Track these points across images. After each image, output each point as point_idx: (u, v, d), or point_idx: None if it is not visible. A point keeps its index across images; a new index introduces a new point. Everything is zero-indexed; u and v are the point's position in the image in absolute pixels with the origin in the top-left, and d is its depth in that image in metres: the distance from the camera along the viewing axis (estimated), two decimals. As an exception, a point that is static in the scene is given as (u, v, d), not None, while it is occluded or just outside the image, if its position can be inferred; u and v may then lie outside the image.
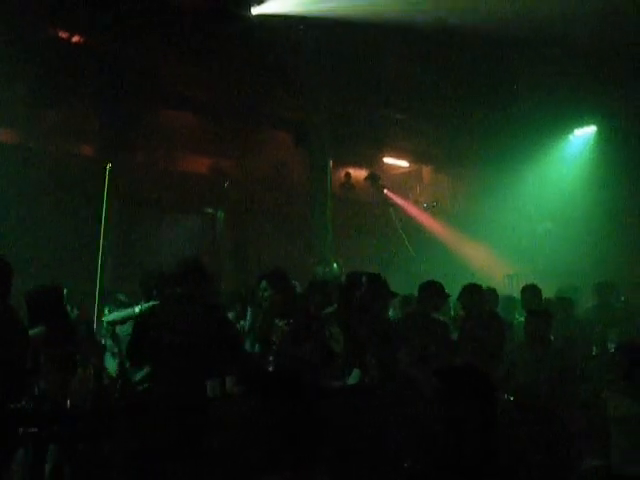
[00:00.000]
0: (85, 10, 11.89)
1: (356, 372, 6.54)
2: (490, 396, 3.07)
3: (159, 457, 5.32)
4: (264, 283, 6.93)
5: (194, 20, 12.34)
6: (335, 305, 7.34)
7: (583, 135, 17.64)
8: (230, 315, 7.57)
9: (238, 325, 7.39)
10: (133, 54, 13.14)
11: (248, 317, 7.18)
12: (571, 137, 17.82)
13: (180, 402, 5.56)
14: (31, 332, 5.76)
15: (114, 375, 6.83)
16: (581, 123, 17.32)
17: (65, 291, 7.05)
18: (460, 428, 2.93)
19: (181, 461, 5.24)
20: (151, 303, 6.97)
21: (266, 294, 6.87)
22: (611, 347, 7.99)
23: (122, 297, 8.23)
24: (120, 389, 6.47)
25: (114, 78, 13.38)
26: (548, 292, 9.68)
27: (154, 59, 13.44)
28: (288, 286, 7.28)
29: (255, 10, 12.41)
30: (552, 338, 7.72)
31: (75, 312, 8.15)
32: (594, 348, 8.36)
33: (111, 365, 7.11)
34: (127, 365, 6.74)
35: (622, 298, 10.44)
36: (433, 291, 7.78)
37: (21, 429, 5.06)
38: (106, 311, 8.17)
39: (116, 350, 7.23)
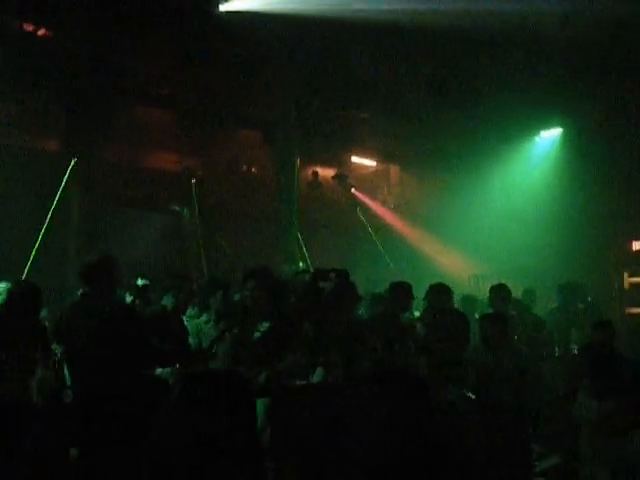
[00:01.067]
0: (53, 3, 11.76)
1: (319, 370, 6.49)
2: (424, 397, 3.17)
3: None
4: (251, 282, 6.76)
5: (162, 16, 12.24)
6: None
7: (549, 137, 17.80)
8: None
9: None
10: (101, 49, 13.00)
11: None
12: (537, 139, 17.98)
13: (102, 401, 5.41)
14: None
15: None
16: (547, 125, 17.47)
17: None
18: (396, 428, 3.00)
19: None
20: None
21: (255, 293, 6.70)
22: (574, 348, 8.09)
23: (140, 282, 8.14)
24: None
25: (81, 73, 13.25)
26: (513, 292, 9.75)
27: (122, 55, 13.31)
28: (274, 284, 7.06)
29: (223, 7, 12.35)
30: (516, 338, 7.78)
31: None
32: (557, 349, 8.45)
33: None
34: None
35: (589, 299, 10.58)
36: (402, 292, 7.81)
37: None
38: (127, 296, 8.09)
39: None
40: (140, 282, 8.12)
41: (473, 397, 5.84)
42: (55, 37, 12.95)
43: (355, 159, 19.91)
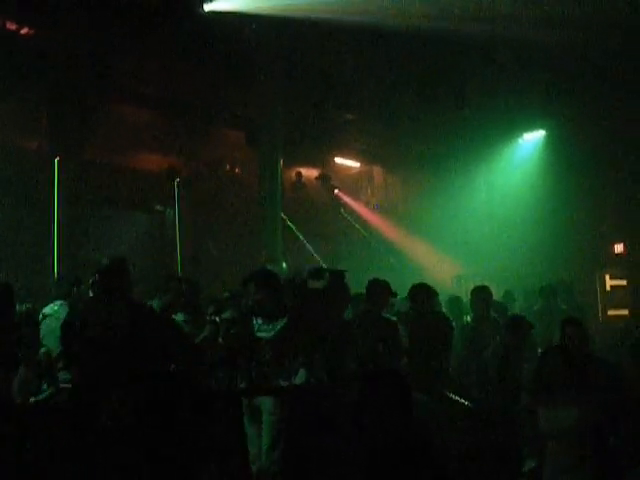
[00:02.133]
0: (36, 2, 11.70)
1: (302, 372, 6.45)
2: (406, 398, 3.24)
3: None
4: (252, 286, 6.62)
5: (147, 15, 12.21)
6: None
7: (532, 139, 17.90)
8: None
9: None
10: (85, 48, 12.94)
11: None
12: (520, 141, 18.06)
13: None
14: None
15: None
16: (530, 127, 17.56)
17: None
18: (380, 426, 3.06)
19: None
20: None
21: (257, 296, 6.56)
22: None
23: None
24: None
25: (65, 72, 13.18)
26: (496, 294, 9.78)
27: (106, 54, 13.25)
28: (276, 283, 6.87)
29: (207, 7, 12.34)
30: (498, 339, 7.80)
31: (25, 306, 7.95)
32: (539, 351, 8.46)
33: None
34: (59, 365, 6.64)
35: (577, 300, 10.66)
36: (380, 289, 7.78)
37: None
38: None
39: None
40: None
41: (456, 398, 5.86)
42: (38, 36, 12.87)
43: (339, 160, 19.94)
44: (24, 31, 12.83)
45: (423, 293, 8.11)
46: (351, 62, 13.83)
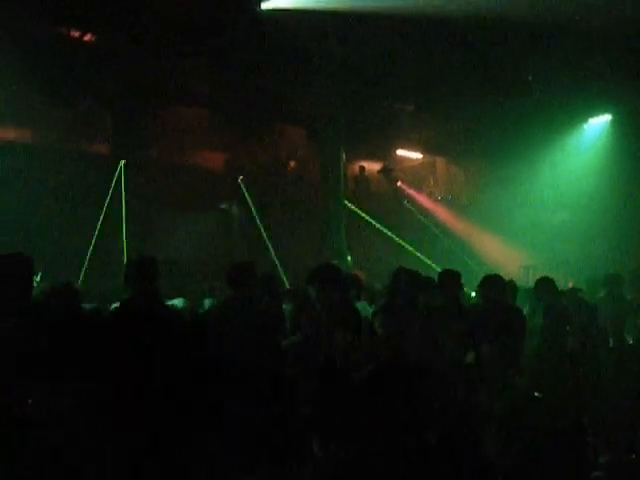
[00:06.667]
0: (96, 9, 11.93)
1: None
2: (422, 390, 2.99)
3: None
4: (312, 290, 6.15)
5: (205, 16, 12.33)
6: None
7: (597, 124, 17.52)
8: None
9: None
10: (145, 52, 13.15)
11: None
12: (585, 126, 17.70)
13: None
14: None
15: None
16: (595, 112, 17.19)
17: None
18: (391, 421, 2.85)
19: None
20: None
21: (322, 295, 6.10)
22: (628, 339, 7.93)
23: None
24: None
25: (127, 76, 13.42)
26: (566, 282, 9.61)
27: (166, 56, 13.44)
28: (340, 279, 6.43)
29: (265, 5, 12.41)
30: (568, 328, 7.65)
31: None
32: (610, 340, 8.28)
33: None
34: None
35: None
36: (452, 280, 7.65)
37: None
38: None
39: None
40: None
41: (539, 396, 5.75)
42: (101, 42, 13.14)
43: (401, 152, 19.85)
44: (87, 37, 13.10)
45: (495, 284, 7.94)
46: (411, 53, 13.71)
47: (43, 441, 4.34)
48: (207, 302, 7.85)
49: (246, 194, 15.34)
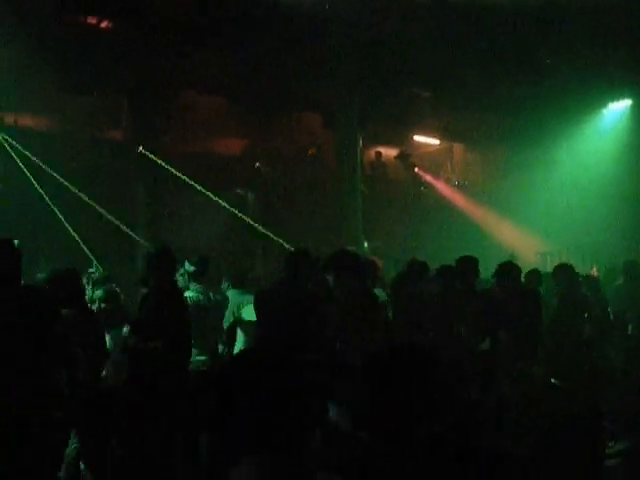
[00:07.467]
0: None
1: None
2: (433, 375, 2.70)
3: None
4: (331, 279, 5.90)
5: (222, 3, 12.31)
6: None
7: (617, 109, 17.37)
8: None
9: None
10: (163, 40, 13.14)
11: None
12: (604, 111, 17.54)
13: None
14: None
15: None
16: (615, 96, 17.03)
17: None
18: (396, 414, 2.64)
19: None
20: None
21: (338, 281, 5.87)
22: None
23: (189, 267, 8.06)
24: None
25: (144, 64, 13.43)
26: (584, 269, 9.54)
27: (184, 43, 13.42)
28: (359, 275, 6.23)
29: (282, -9, 12.37)
30: (586, 316, 7.63)
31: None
32: (629, 327, 8.25)
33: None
34: None
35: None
36: (470, 266, 7.61)
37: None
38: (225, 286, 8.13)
39: None
40: (189, 268, 7.86)
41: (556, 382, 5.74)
42: (117, 29, 13.14)
43: (418, 138, 19.78)
44: (104, 25, 13.11)
45: (511, 271, 7.91)
46: (428, 39, 13.62)
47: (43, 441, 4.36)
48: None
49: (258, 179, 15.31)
